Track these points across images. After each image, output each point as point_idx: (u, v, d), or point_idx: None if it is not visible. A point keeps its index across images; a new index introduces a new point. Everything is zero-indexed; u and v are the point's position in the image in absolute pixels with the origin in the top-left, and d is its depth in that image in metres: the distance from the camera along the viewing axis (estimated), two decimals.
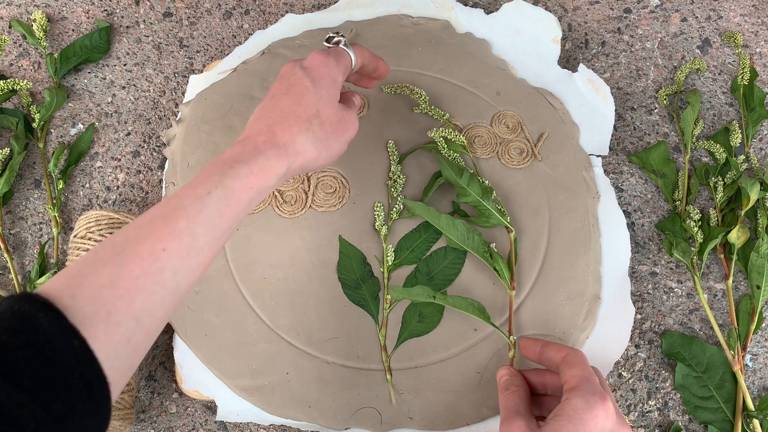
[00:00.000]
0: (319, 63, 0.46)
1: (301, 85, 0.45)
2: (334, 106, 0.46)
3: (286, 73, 0.47)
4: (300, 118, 0.44)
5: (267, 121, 0.44)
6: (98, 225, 0.53)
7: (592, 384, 0.43)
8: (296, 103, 0.44)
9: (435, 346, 0.54)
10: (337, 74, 0.47)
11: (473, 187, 0.55)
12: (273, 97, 0.45)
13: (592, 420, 0.41)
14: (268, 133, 0.43)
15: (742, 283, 0.60)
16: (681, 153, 0.65)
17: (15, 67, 0.66)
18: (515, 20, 0.67)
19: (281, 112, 0.44)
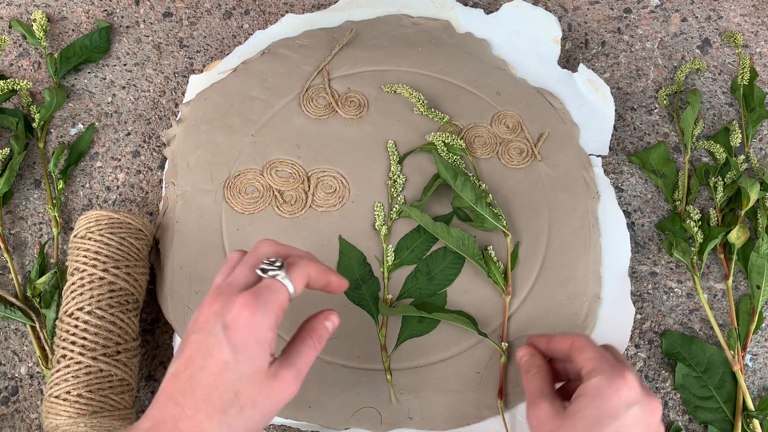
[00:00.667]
0: (244, 324, 0.38)
1: (219, 358, 0.37)
2: (258, 381, 0.38)
3: (206, 328, 0.39)
4: (214, 407, 0.37)
5: (174, 410, 0.37)
6: (98, 225, 0.53)
7: (607, 362, 0.43)
8: (211, 387, 0.37)
9: (435, 346, 0.54)
10: (267, 332, 0.39)
11: (466, 192, 0.55)
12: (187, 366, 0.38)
13: (615, 395, 0.41)
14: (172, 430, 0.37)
15: (742, 283, 0.60)
16: (681, 153, 0.65)
17: (15, 67, 0.66)
18: (515, 20, 0.67)
19: (193, 399, 0.37)
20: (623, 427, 0.41)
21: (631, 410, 0.41)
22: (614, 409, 0.41)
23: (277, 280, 0.40)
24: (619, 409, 0.41)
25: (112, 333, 0.51)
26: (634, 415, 0.41)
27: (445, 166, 0.55)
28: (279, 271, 0.40)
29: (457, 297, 0.56)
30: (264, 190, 0.59)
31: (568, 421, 0.42)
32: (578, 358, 0.45)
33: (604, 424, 0.41)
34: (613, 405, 0.41)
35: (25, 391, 0.56)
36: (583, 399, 0.42)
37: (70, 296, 0.52)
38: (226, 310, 0.38)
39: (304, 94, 0.62)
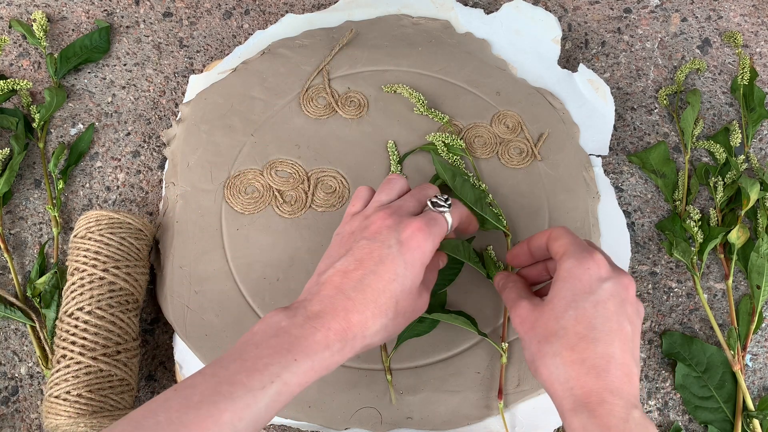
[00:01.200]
0: (416, 244, 0.43)
1: (392, 268, 0.42)
2: (412, 295, 0.44)
3: (380, 238, 0.43)
4: (379, 309, 0.42)
5: (345, 302, 0.41)
6: (98, 225, 0.53)
7: (578, 245, 0.45)
8: (380, 291, 0.42)
9: (435, 346, 0.54)
10: (429, 255, 0.44)
11: (465, 193, 0.55)
12: (358, 266, 0.42)
13: (585, 273, 0.43)
14: (343, 320, 0.41)
15: (742, 283, 0.60)
16: (681, 153, 0.65)
17: (15, 67, 0.66)
18: (515, 20, 0.67)
19: (364, 298, 0.41)
20: (599, 301, 0.42)
21: (604, 285, 0.42)
22: (587, 286, 0.42)
23: (444, 216, 0.46)
24: (592, 285, 0.42)
25: (112, 333, 0.51)
26: (608, 289, 0.42)
27: (443, 166, 0.55)
28: (447, 209, 0.47)
29: (457, 297, 0.56)
30: (264, 190, 0.59)
31: (547, 308, 0.43)
32: (553, 247, 0.46)
33: (579, 301, 0.42)
34: (585, 282, 0.42)
35: (25, 391, 0.56)
36: (557, 283, 0.44)
37: (70, 296, 0.52)
38: (402, 228, 0.44)
39: (304, 94, 0.62)
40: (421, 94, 0.61)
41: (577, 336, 0.41)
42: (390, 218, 0.44)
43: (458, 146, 0.59)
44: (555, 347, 0.42)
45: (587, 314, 0.41)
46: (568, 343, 0.41)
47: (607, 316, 0.41)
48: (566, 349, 0.41)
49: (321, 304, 0.41)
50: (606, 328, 0.41)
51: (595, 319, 0.41)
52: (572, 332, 0.41)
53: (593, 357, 0.40)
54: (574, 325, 0.41)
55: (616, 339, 0.41)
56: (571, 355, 0.41)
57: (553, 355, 0.42)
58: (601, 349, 0.41)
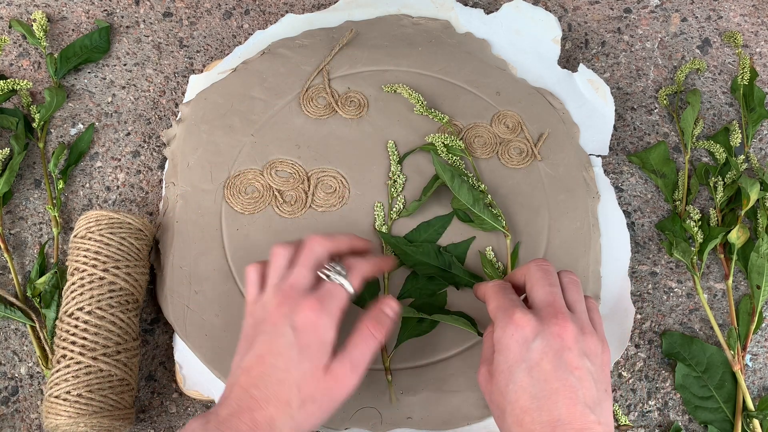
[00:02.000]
0: (311, 326, 0.43)
1: (288, 356, 0.43)
2: (316, 378, 0.43)
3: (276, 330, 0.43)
4: (281, 401, 0.42)
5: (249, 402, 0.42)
6: (98, 225, 0.53)
7: (502, 309, 0.44)
8: (279, 383, 0.42)
9: (435, 346, 0.54)
10: (330, 333, 0.44)
11: (463, 194, 0.55)
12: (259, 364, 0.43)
13: (511, 340, 0.43)
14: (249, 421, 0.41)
15: (742, 283, 0.60)
16: (681, 153, 0.65)
17: (15, 67, 0.66)
18: (515, 20, 0.67)
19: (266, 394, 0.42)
20: (532, 366, 0.42)
21: (532, 346, 0.42)
22: (517, 354, 0.42)
23: (339, 286, 0.45)
24: (521, 352, 0.42)
25: (112, 333, 0.51)
26: (538, 348, 0.42)
27: (442, 167, 0.55)
28: (342, 278, 0.45)
29: (457, 297, 0.56)
30: (264, 190, 0.59)
31: (493, 381, 0.44)
32: (489, 309, 0.46)
33: (515, 372, 0.42)
34: (514, 351, 0.42)
35: (25, 391, 0.56)
36: (495, 357, 0.44)
37: (70, 296, 0.52)
38: (294, 313, 0.43)
39: (304, 94, 0.62)
40: (421, 95, 0.61)
41: (522, 410, 0.41)
42: (283, 305, 0.44)
43: (458, 147, 0.59)
44: (507, 423, 0.42)
45: (525, 385, 0.41)
46: (516, 419, 0.42)
47: (544, 379, 0.41)
48: (515, 425, 0.42)
49: (229, 408, 0.42)
50: (546, 392, 0.41)
51: (533, 387, 0.41)
52: (517, 407, 0.42)
53: (539, 428, 0.40)
54: (516, 399, 0.42)
55: (560, 399, 0.41)
56: (520, 429, 0.41)
57: (507, 430, 0.43)
58: (545, 417, 0.40)
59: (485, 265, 0.55)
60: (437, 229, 0.57)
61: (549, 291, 0.45)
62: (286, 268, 0.47)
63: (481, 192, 0.57)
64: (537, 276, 0.46)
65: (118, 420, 0.50)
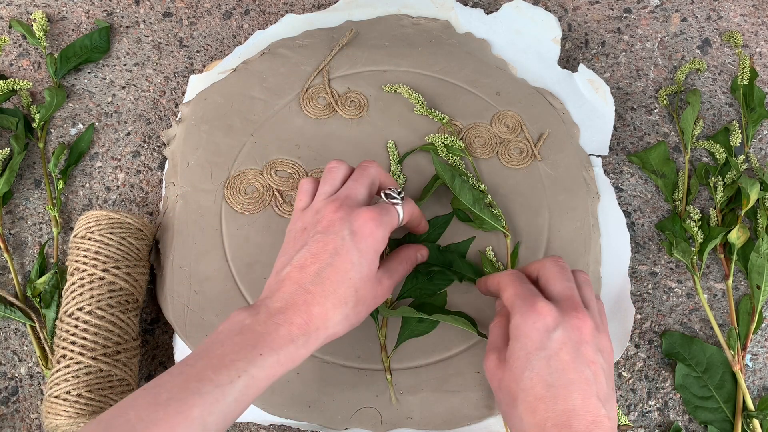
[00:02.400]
0: (369, 232, 0.44)
1: (348, 258, 0.43)
2: (371, 282, 0.45)
3: (333, 230, 0.44)
4: (339, 299, 0.43)
5: (305, 296, 0.42)
6: (98, 225, 0.53)
7: (522, 297, 0.44)
8: (339, 282, 0.43)
9: (435, 346, 0.54)
10: (382, 243, 0.45)
11: (464, 194, 0.55)
12: (315, 260, 0.43)
13: (532, 328, 0.42)
14: (305, 314, 0.42)
15: (742, 283, 0.60)
16: (681, 153, 0.65)
17: (15, 67, 0.66)
18: (515, 20, 0.67)
19: (323, 290, 0.43)
20: (551, 355, 0.41)
21: (553, 335, 0.42)
22: (537, 342, 0.42)
23: (395, 207, 0.47)
24: (542, 339, 0.42)
25: (112, 333, 0.51)
26: (558, 338, 0.42)
27: (442, 167, 0.55)
28: (399, 201, 0.48)
29: (457, 297, 0.56)
30: (264, 190, 0.59)
31: (507, 369, 0.43)
32: (502, 297, 0.46)
33: (532, 359, 0.42)
34: (534, 338, 0.42)
35: (25, 391, 0.56)
36: (511, 344, 0.44)
37: (70, 296, 0.52)
38: (354, 218, 0.45)
39: (304, 94, 0.62)
40: (421, 95, 0.61)
41: (536, 398, 0.41)
42: (340, 210, 0.45)
43: (458, 147, 0.59)
44: (519, 410, 0.42)
45: (542, 373, 0.41)
46: (528, 406, 0.41)
47: (562, 369, 0.41)
48: (528, 413, 0.41)
49: (282, 301, 0.42)
50: (563, 381, 0.41)
51: (550, 376, 0.41)
52: (531, 394, 0.41)
53: (553, 416, 0.40)
54: (531, 387, 0.41)
55: (576, 390, 0.41)
56: (533, 417, 0.41)
57: (518, 417, 0.42)
58: (560, 406, 0.40)
59: (485, 265, 0.55)
60: (437, 229, 0.57)
61: (567, 286, 0.45)
62: (341, 182, 0.48)
63: (481, 192, 0.57)
64: (554, 271, 0.46)
65: None
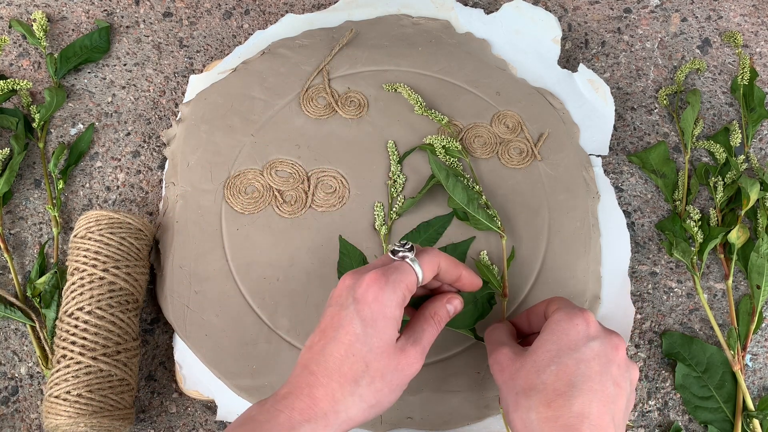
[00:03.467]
0: (372, 297, 0.40)
1: (350, 330, 0.40)
2: (388, 353, 0.41)
3: (339, 301, 0.41)
4: (345, 378, 0.39)
5: (309, 378, 0.40)
6: (98, 225, 0.53)
7: (571, 304, 0.44)
8: (342, 358, 0.39)
9: (435, 346, 0.54)
10: (394, 309, 0.41)
11: (458, 193, 0.55)
12: (321, 337, 0.41)
13: (573, 328, 0.42)
14: (307, 398, 0.39)
15: (742, 283, 0.60)
16: (681, 153, 0.65)
17: (15, 67, 0.66)
18: (515, 20, 0.67)
19: (326, 368, 0.39)
20: (583, 359, 0.41)
21: (590, 344, 0.42)
22: (573, 342, 0.42)
23: (406, 262, 0.42)
24: (578, 342, 0.42)
25: (112, 333, 0.51)
26: (594, 348, 0.42)
27: (438, 166, 0.55)
28: (408, 254, 0.43)
29: None
30: (264, 190, 0.59)
31: (529, 359, 0.42)
32: (549, 309, 0.46)
33: (562, 356, 0.41)
34: (571, 338, 0.42)
35: (25, 391, 0.56)
36: (543, 335, 0.43)
37: (70, 296, 0.52)
38: (357, 285, 0.41)
39: (304, 94, 0.62)
40: (420, 95, 0.61)
41: (555, 392, 0.40)
42: (349, 278, 0.42)
43: (455, 148, 0.58)
44: (532, 401, 0.41)
45: (568, 371, 0.41)
46: (545, 398, 0.41)
47: (588, 375, 0.41)
48: (542, 405, 0.40)
49: (288, 386, 0.40)
50: (586, 387, 0.40)
51: (575, 376, 0.41)
52: (551, 388, 0.41)
53: (567, 415, 0.40)
54: (553, 381, 0.41)
55: (595, 400, 0.40)
56: (546, 411, 0.40)
57: (528, 409, 0.41)
58: (576, 407, 0.40)
59: (481, 270, 0.55)
60: (437, 229, 0.57)
61: None
62: None
63: (477, 193, 0.57)
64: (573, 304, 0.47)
65: (118, 420, 0.50)
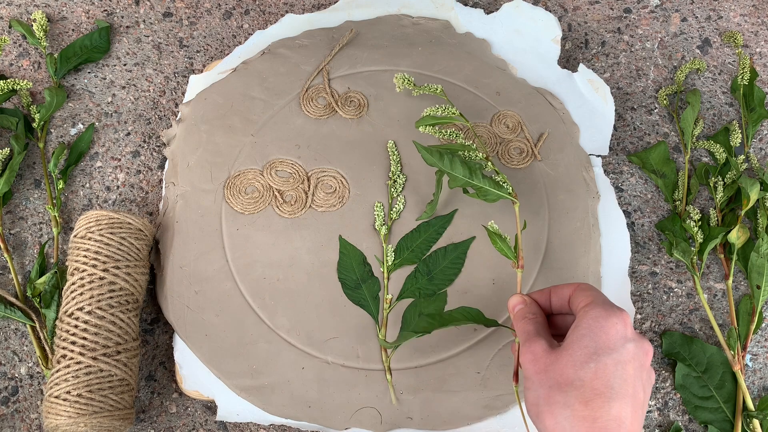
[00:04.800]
0: None
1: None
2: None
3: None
4: None
5: None
6: (98, 225, 0.53)
7: (605, 299, 0.43)
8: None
9: (435, 346, 0.54)
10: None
11: (457, 169, 0.52)
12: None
13: (612, 328, 0.41)
14: None
15: (742, 283, 0.60)
16: (681, 153, 0.65)
17: (15, 67, 0.66)
18: (515, 20, 0.67)
19: None
20: (620, 361, 0.40)
21: (627, 345, 0.41)
22: (612, 342, 0.41)
23: None
24: (617, 342, 0.41)
25: (112, 333, 0.51)
26: (631, 350, 0.41)
27: (428, 150, 0.53)
28: None
29: (457, 297, 0.56)
30: (264, 190, 0.59)
31: (565, 353, 0.41)
32: (578, 297, 0.44)
33: (601, 355, 0.40)
34: (611, 337, 0.41)
35: (25, 391, 0.56)
36: (579, 330, 0.42)
37: (70, 296, 0.52)
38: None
39: (304, 94, 0.62)
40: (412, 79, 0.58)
41: (594, 392, 0.40)
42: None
43: (450, 114, 0.56)
44: (568, 398, 0.40)
45: (608, 371, 0.40)
46: (582, 396, 0.40)
47: (625, 378, 0.40)
48: (579, 403, 0.40)
49: None
50: (623, 390, 0.40)
51: (614, 378, 0.40)
52: (589, 386, 0.40)
53: (605, 417, 0.39)
54: (592, 379, 0.40)
55: (629, 404, 0.40)
56: (583, 410, 0.39)
57: (563, 405, 0.40)
58: (615, 411, 0.39)
59: (494, 240, 0.51)
60: (437, 229, 0.57)
61: None
62: None
63: (483, 159, 0.54)
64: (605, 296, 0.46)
65: (118, 420, 0.50)
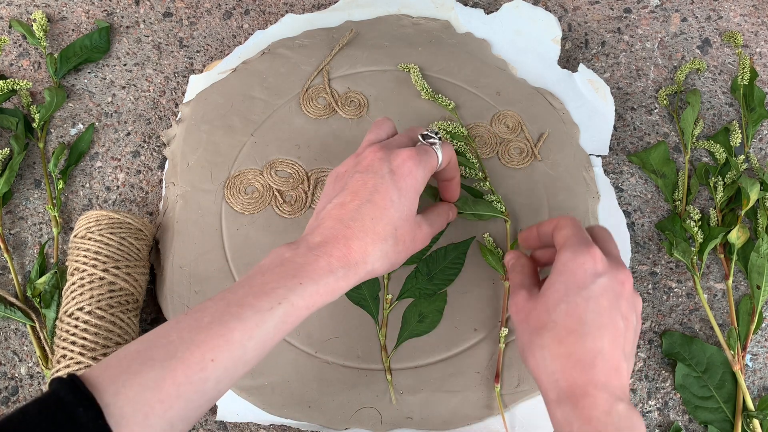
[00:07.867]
0: (407, 171, 0.45)
1: (387, 195, 0.44)
2: (410, 223, 0.45)
3: (372, 169, 0.45)
4: (378, 236, 0.43)
5: (344, 231, 0.43)
6: (98, 225, 0.53)
7: (578, 237, 0.45)
8: (378, 218, 0.43)
9: (435, 346, 0.54)
10: (422, 184, 0.46)
11: None
12: (355, 197, 0.44)
13: (580, 268, 0.43)
14: (344, 247, 0.42)
15: (742, 283, 0.60)
16: (681, 153, 0.65)
17: (15, 67, 0.66)
18: (515, 20, 0.67)
19: (362, 225, 0.43)
20: (591, 296, 0.42)
21: (598, 280, 0.42)
22: (581, 281, 0.42)
23: (433, 148, 0.47)
24: (586, 280, 0.42)
25: (112, 333, 0.51)
26: (602, 284, 0.42)
27: None
28: (437, 142, 0.47)
29: (457, 297, 0.56)
30: (264, 190, 0.59)
31: (541, 300, 0.44)
32: (557, 237, 0.46)
33: (571, 295, 0.42)
34: (579, 277, 0.43)
35: (25, 391, 0.56)
36: (552, 276, 0.44)
37: (70, 296, 0.52)
38: (393, 158, 0.45)
39: (304, 94, 0.62)
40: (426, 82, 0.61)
41: (566, 330, 0.42)
42: (381, 151, 0.45)
43: (461, 134, 0.59)
44: (544, 339, 0.42)
45: (578, 309, 0.42)
46: (557, 336, 0.42)
47: (598, 312, 0.42)
48: (555, 342, 0.42)
49: (322, 236, 0.43)
50: (596, 323, 0.42)
51: (586, 313, 0.42)
52: (562, 326, 0.42)
53: (580, 351, 0.41)
54: (564, 318, 0.42)
55: (607, 334, 0.42)
56: (558, 348, 0.42)
57: (541, 346, 0.42)
58: (589, 344, 0.41)
59: (485, 254, 0.55)
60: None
61: (616, 247, 0.47)
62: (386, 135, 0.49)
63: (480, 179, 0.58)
64: (605, 234, 0.48)
65: None
